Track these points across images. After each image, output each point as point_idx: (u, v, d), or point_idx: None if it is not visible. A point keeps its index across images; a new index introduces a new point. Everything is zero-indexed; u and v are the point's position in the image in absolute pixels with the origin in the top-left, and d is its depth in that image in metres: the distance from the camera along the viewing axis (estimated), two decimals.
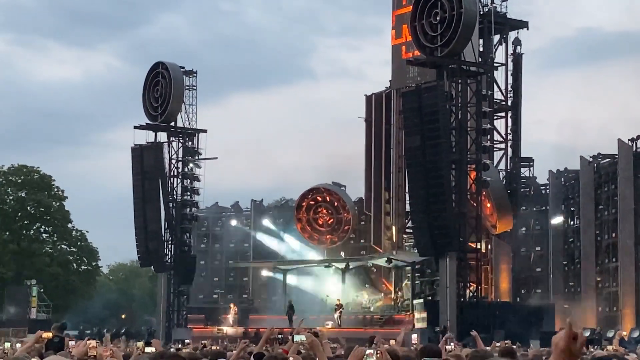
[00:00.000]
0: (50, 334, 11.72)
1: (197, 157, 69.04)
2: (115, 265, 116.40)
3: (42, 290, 71.70)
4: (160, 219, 67.90)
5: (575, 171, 64.47)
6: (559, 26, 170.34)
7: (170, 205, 68.53)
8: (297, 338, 12.22)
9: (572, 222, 64.54)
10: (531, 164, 68.52)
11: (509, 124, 66.57)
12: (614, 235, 59.75)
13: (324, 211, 71.57)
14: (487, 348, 18.73)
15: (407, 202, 62.49)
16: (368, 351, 7.80)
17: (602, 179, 61.67)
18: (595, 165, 62.53)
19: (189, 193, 68.75)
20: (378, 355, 7.70)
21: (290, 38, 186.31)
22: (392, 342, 24.18)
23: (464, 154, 55.13)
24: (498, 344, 29.67)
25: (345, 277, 66.21)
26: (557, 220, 64.53)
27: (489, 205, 59.90)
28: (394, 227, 67.45)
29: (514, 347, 21.99)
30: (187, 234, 69.77)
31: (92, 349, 9.70)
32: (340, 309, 60.12)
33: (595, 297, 61.01)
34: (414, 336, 42.77)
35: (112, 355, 10.26)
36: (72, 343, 12.34)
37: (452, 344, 32.26)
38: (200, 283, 75.26)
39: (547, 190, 66.58)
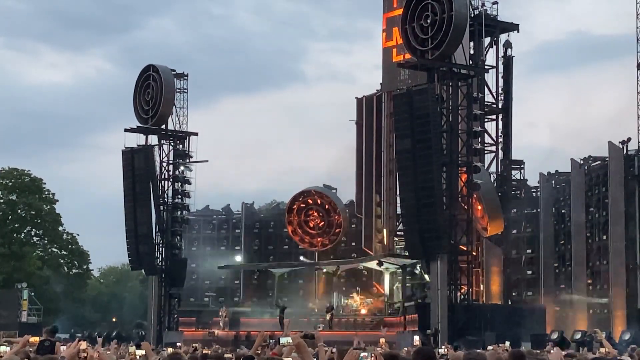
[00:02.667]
0: (37, 339, 11.63)
1: (188, 160, 68.88)
2: (106, 268, 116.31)
3: (32, 293, 71.45)
4: (151, 222, 67.65)
5: (566, 174, 64.44)
6: (549, 29, 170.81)
7: (161, 208, 68.33)
8: (283, 340, 12.15)
9: (562, 225, 64.49)
10: (522, 166, 68.54)
11: (500, 126, 66.60)
12: (604, 237, 59.73)
13: (315, 214, 71.48)
14: (479, 351, 18.67)
15: (398, 204, 62.45)
16: (363, 354, 7.74)
17: (593, 181, 61.64)
18: (586, 167, 62.51)
19: (179, 196, 68.58)
20: (372, 358, 7.65)
21: (280, 41, 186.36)
22: (381, 340, 24.27)
23: (454, 157, 55.11)
24: (490, 347, 29.65)
25: (336, 280, 66.06)
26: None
27: (479, 207, 59.87)
28: (385, 230, 67.42)
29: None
30: (178, 237, 69.56)
31: (84, 350, 9.63)
32: (332, 312, 60.04)
33: (586, 300, 60.95)
34: (416, 337, 42.79)
35: (101, 358, 10.16)
36: (63, 348, 12.22)
37: (444, 347, 32.21)
38: (191, 286, 75.06)
39: (538, 193, 66.54)
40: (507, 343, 34.70)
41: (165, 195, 68.69)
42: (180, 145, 69.10)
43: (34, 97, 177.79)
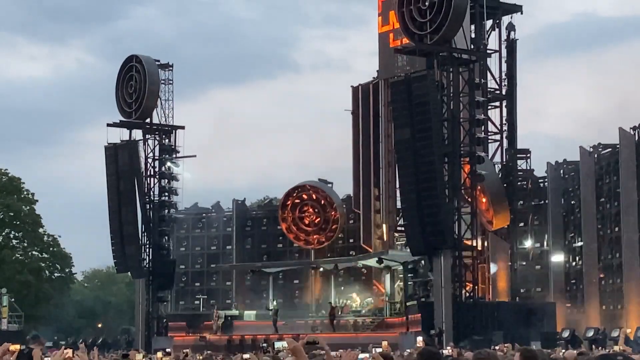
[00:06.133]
0: (17, 347, 11.75)
1: (174, 156, 68.93)
2: (90, 271, 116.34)
3: (12, 299, 71.46)
4: (137, 221, 67.73)
5: (574, 162, 64.54)
6: (554, 11, 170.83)
7: (148, 206, 68.41)
8: (278, 344, 12.30)
9: (572, 217, 64.61)
10: (528, 155, 68.57)
11: (504, 114, 66.60)
12: (617, 229, 59.88)
13: (310, 210, 71.54)
14: (489, 350, 18.80)
15: (398, 198, 62.55)
16: (362, 356, 7.84)
17: (603, 170, 61.75)
18: (595, 155, 62.61)
19: (166, 193, 68.65)
20: None
21: (271, 29, 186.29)
22: (384, 343, 24.41)
23: (456, 147, 55.19)
24: (497, 347, 29.79)
25: (333, 279, 66.17)
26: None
27: (484, 200, 59.96)
28: (384, 226, 67.48)
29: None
30: (166, 237, 69.66)
31: (70, 358, 9.72)
32: (335, 310, 60.03)
33: (599, 295, 61.12)
34: (419, 338, 42.93)
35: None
36: (47, 359, 12.30)
37: (448, 348, 32.37)
38: (180, 289, 75.17)
39: (546, 183, 66.66)
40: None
41: (152, 193, 68.79)
42: (166, 140, 69.14)
43: (11, 92, 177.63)
